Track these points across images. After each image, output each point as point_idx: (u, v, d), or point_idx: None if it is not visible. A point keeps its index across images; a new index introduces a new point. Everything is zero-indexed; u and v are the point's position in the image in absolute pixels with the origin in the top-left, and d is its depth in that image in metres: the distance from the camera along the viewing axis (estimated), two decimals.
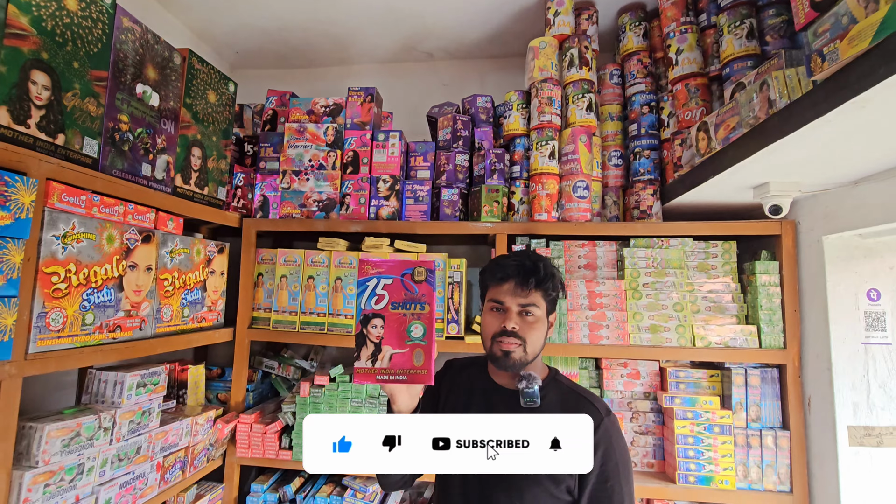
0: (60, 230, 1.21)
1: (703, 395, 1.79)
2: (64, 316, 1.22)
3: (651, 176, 1.95)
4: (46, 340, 1.17)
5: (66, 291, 1.22)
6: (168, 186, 1.63)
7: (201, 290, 1.80)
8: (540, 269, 1.06)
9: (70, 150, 1.27)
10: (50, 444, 1.15)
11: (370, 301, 0.94)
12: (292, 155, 2.04)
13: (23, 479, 1.09)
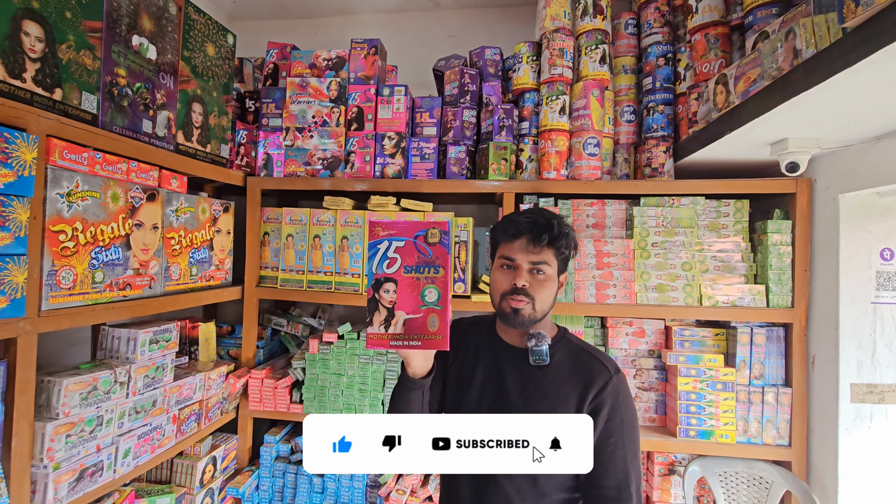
0: (64, 188, 1.20)
1: (708, 353, 1.81)
2: (74, 274, 1.23)
3: (664, 132, 1.89)
4: (58, 298, 1.19)
5: (74, 250, 1.23)
6: (170, 144, 1.60)
7: (208, 248, 1.80)
8: (553, 226, 1.03)
9: (69, 105, 1.24)
10: (69, 398, 1.19)
11: (382, 264, 0.91)
12: (295, 111, 1.99)
13: (45, 429, 1.13)
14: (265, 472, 1.89)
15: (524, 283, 1.04)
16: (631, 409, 1.02)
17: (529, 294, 1.03)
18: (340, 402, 1.87)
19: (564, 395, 1.02)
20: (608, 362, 1.06)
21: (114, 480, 1.33)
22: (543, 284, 1.04)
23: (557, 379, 1.04)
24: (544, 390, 1.04)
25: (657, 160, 1.87)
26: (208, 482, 1.76)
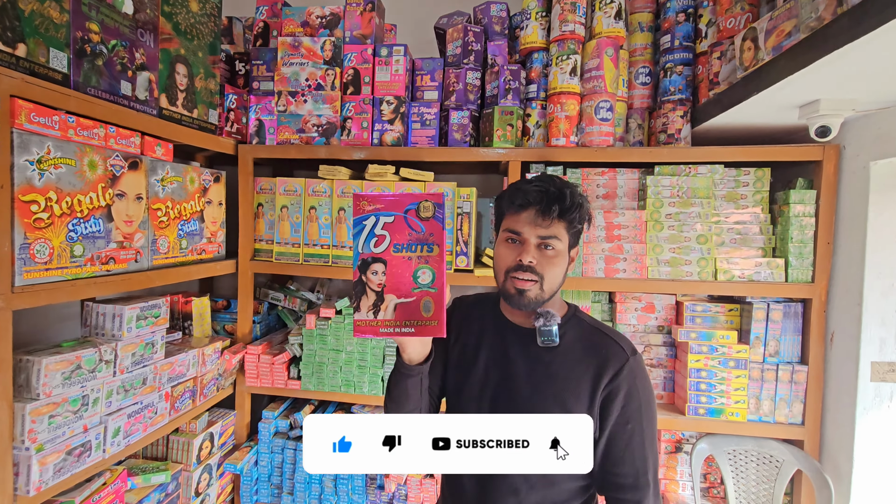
0: (34, 154, 1.10)
1: (720, 329, 1.74)
2: (50, 247, 1.15)
3: (682, 95, 1.76)
4: (34, 273, 1.11)
5: (48, 221, 1.14)
6: (153, 108, 1.50)
7: (198, 220, 1.72)
8: (566, 196, 0.93)
9: (34, 62, 1.13)
10: (50, 377, 1.13)
11: (368, 243, 0.81)
12: (287, 74, 1.86)
13: (24, 410, 1.07)
14: (264, 447, 1.86)
15: (531, 259, 0.94)
16: (648, 393, 0.95)
17: (537, 272, 0.94)
18: (339, 378, 1.82)
19: (576, 379, 0.94)
20: (624, 343, 0.97)
21: (104, 460, 1.29)
22: (553, 261, 0.94)
23: (568, 361, 0.96)
24: (554, 374, 0.96)
25: (673, 126, 1.75)
26: (206, 458, 1.73)
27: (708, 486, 1.82)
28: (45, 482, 1.12)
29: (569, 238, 0.96)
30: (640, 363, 0.95)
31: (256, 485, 1.89)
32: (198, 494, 1.70)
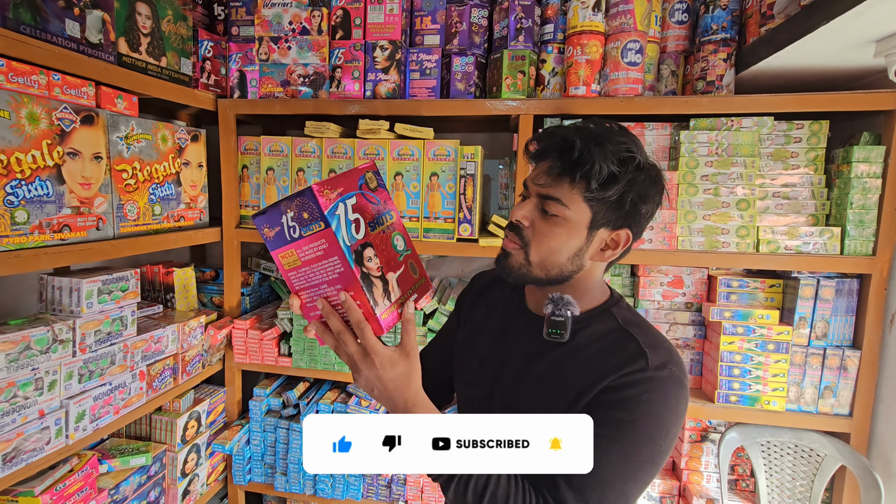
0: None
1: (759, 307, 1.53)
2: None
3: (726, 34, 1.49)
4: None
5: None
6: (109, 54, 1.31)
7: (174, 184, 1.55)
8: (575, 148, 0.69)
9: None
10: None
11: (350, 231, 0.65)
12: (268, 16, 1.64)
13: None
14: (255, 426, 1.76)
15: (521, 218, 0.75)
16: (655, 419, 0.68)
17: (524, 236, 0.75)
18: (332, 355, 1.68)
19: (575, 384, 0.73)
20: (654, 351, 0.71)
21: (67, 446, 1.18)
22: (551, 230, 0.73)
23: (572, 362, 0.76)
24: (553, 374, 0.77)
25: (714, 71, 1.49)
26: (192, 438, 1.63)
27: (736, 478, 1.66)
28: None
29: (590, 208, 0.72)
30: (663, 383, 0.69)
31: (249, 464, 1.80)
32: (185, 475, 1.61)
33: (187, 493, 1.63)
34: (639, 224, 0.76)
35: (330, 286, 0.66)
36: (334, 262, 0.63)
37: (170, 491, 1.58)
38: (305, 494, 1.74)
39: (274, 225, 0.65)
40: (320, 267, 0.65)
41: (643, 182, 0.73)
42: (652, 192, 0.74)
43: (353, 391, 1.76)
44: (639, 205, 0.73)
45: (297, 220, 0.63)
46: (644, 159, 0.73)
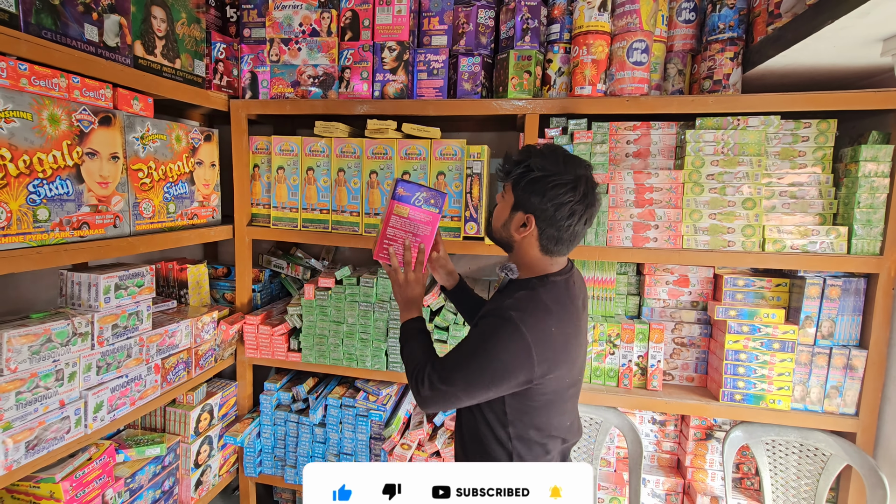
0: None
1: (765, 307, 1.53)
2: (6, 211, 1.04)
3: (733, 33, 1.49)
4: None
5: (3, 182, 1.03)
6: (126, 57, 1.35)
7: (188, 183, 1.60)
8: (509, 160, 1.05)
9: None
10: (15, 352, 1.05)
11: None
12: (279, 18, 1.68)
13: None
14: (266, 419, 1.80)
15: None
16: (491, 335, 0.95)
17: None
18: (340, 351, 1.71)
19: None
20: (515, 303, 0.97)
21: (86, 436, 1.23)
22: (497, 204, 1.09)
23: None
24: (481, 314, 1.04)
25: (721, 70, 1.49)
26: (205, 430, 1.68)
27: (741, 476, 1.66)
28: (16, 461, 1.06)
29: (513, 196, 1.03)
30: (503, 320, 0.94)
31: (260, 456, 1.84)
32: (198, 466, 1.65)
33: (200, 484, 1.68)
34: (543, 216, 0.98)
35: (415, 237, 1.20)
36: (428, 228, 1.21)
37: (183, 481, 1.63)
38: None
39: (409, 190, 1.20)
40: (418, 225, 1.20)
41: (532, 181, 0.98)
42: (542, 190, 0.97)
43: (361, 386, 1.79)
44: (532, 198, 0.98)
45: (425, 200, 1.20)
46: (538, 167, 0.97)
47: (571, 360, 1.01)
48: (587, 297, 1.14)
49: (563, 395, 1.02)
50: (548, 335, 0.95)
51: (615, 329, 1.61)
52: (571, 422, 1.08)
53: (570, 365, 1.01)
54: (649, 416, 1.75)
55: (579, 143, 1.54)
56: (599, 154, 1.54)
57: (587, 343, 1.15)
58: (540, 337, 0.94)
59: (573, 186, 0.95)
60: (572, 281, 1.06)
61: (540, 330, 0.94)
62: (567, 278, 1.05)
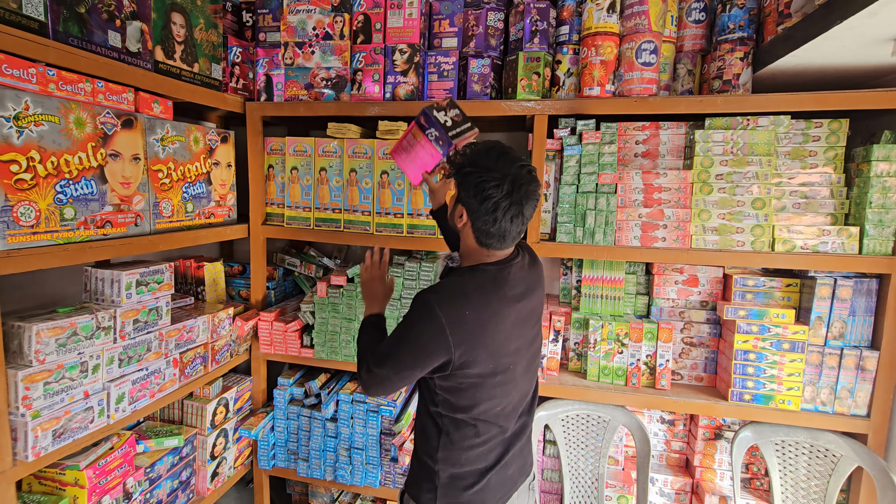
0: (10, 110, 1.03)
1: (775, 307, 1.52)
2: (36, 210, 1.09)
3: (743, 33, 1.49)
4: (19, 237, 1.06)
5: (32, 182, 1.08)
6: (147, 61, 1.40)
7: (205, 183, 1.65)
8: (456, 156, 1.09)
9: (4, 9, 1.04)
10: (43, 344, 1.10)
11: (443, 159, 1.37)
12: (293, 22, 1.72)
13: (17, 377, 1.05)
14: (279, 414, 1.84)
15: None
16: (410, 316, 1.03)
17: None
18: (353, 348, 1.75)
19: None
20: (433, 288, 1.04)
21: (109, 426, 1.28)
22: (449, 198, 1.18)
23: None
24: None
25: (731, 70, 1.49)
26: (220, 423, 1.73)
27: (750, 477, 1.66)
28: (44, 448, 1.11)
29: (455, 188, 1.07)
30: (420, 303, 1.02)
31: (273, 450, 1.89)
32: (214, 458, 1.70)
33: (216, 475, 1.73)
34: (471, 209, 1.02)
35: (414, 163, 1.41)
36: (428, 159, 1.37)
37: (200, 472, 1.68)
38: (326, 480, 1.82)
39: (429, 123, 1.35)
40: (420, 153, 1.38)
41: (464, 176, 1.03)
42: (467, 185, 1.01)
43: None
44: (463, 192, 1.03)
45: (436, 139, 1.34)
46: (470, 163, 1.02)
47: (492, 348, 1.01)
48: (535, 287, 1.12)
49: (489, 380, 1.04)
50: (462, 319, 0.98)
51: (623, 328, 1.62)
52: (503, 408, 1.08)
53: (490, 351, 1.01)
54: (658, 416, 1.75)
55: (588, 143, 1.55)
56: (608, 154, 1.55)
57: (535, 335, 1.13)
58: (454, 320, 0.98)
59: (498, 184, 0.97)
60: (508, 272, 1.05)
61: (454, 314, 0.98)
62: (502, 269, 1.05)
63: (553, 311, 1.71)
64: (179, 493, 1.61)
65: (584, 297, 1.73)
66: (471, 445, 1.08)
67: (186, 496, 1.65)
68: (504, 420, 1.10)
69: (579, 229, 1.57)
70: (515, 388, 1.09)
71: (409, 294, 1.72)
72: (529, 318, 1.10)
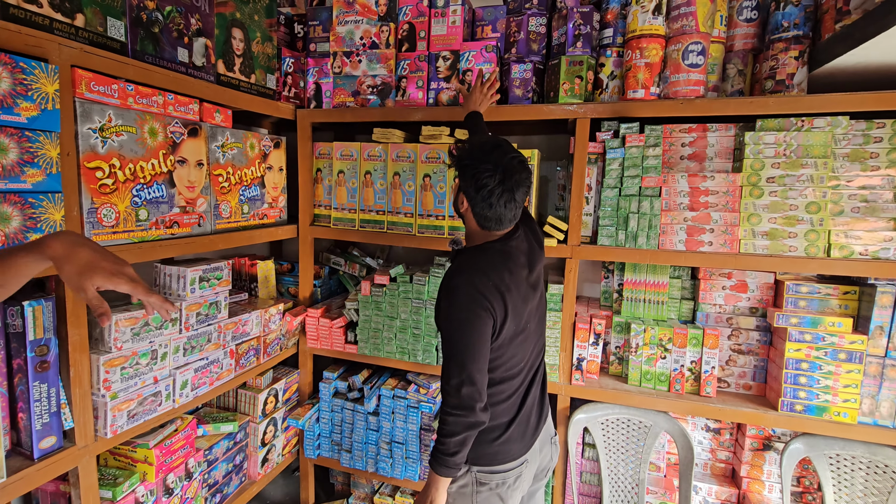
0: (96, 122, 1.15)
1: (831, 315, 1.46)
2: (116, 212, 1.21)
3: (799, 31, 1.44)
4: (102, 236, 1.18)
5: (113, 187, 1.20)
6: (210, 74, 1.51)
7: (259, 186, 1.75)
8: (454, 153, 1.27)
9: (92, 32, 1.16)
10: (120, 332, 1.21)
11: None
12: (342, 33, 1.80)
13: (98, 361, 1.17)
14: (324, 406, 1.93)
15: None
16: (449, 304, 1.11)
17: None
18: (394, 345, 1.81)
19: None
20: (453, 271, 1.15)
21: (174, 409, 1.39)
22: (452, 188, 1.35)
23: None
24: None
25: (785, 70, 1.44)
26: (271, 412, 1.83)
27: (801, 490, 1.60)
28: (120, 426, 1.23)
29: (455, 180, 1.22)
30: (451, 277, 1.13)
31: (319, 440, 1.98)
32: (264, 444, 1.81)
33: (266, 461, 1.83)
34: (470, 195, 1.15)
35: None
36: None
37: (251, 457, 1.79)
38: (367, 471, 1.89)
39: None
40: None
41: (462, 168, 1.16)
42: (466, 175, 1.15)
43: (412, 379, 1.88)
44: (463, 182, 1.16)
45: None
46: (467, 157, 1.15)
47: (514, 309, 1.13)
48: (538, 256, 1.28)
49: (514, 339, 1.17)
50: (488, 286, 1.10)
51: (667, 333, 1.60)
52: (523, 364, 1.23)
53: (514, 313, 1.13)
54: (703, 423, 1.71)
55: (631, 146, 1.54)
56: (652, 157, 1.53)
57: (540, 296, 1.28)
58: (485, 288, 1.09)
59: (491, 174, 1.11)
60: (511, 245, 1.19)
61: (482, 283, 1.10)
62: (505, 244, 1.19)
63: (594, 315, 1.71)
64: (233, 475, 1.72)
65: (626, 300, 1.72)
66: (496, 402, 1.19)
67: (239, 479, 1.76)
68: (524, 375, 1.24)
69: (621, 232, 1.57)
70: (532, 344, 1.25)
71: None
72: (536, 282, 1.25)
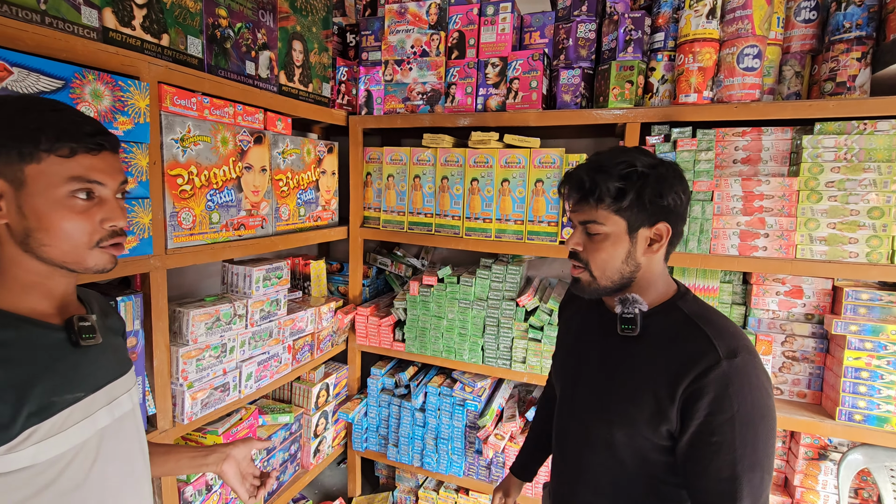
0: (178, 133, 1.25)
1: (893, 323, 1.41)
2: (193, 215, 1.31)
3: (861, 32, 1.40)
4: (181, 237, 1.29)
5: (191, 192, 1.30)
6: (273, 85, 1.61)
7: (314, 189, 1.84)
8: (585, 181, 0.84)
9: (176, 50, 1.26)
10: (196, 327, 1.32)
11: None
12: (393, 42, 1.87)
13: (178, 353, 1.27)
14: (372, 401, 2.01)
15: (574, 245, 0.89)
16: (751, 405, 0.76)
17: (582, 259, 0.88)
18: (441, 344, 1.87)
19: (652, 376, 0.83)
20: (721, 341, 0.79)
21: (239, 399, 1.49)
22: (598, 247, 0.86)
23: (646, 354, 0.86)
24: (628, 366, 0.88)
25: (846, 71, 1.41)
26: (322, 405, 1.92)
27: (859, 502, 1.55)
28: (194, 413, 1.33)
29: (625, 220, 0.84)
30: (739, 369, 0.77)
31: (366, 434, 2.05)
32: (316, 436, 1.90)
33: (317, 452, 1.93)
34: (673, 214, 0.85)
35: None
36: None
37: (305, 447, 1.88)
38: (413, 466, 1.95)
39: None
40: None
41: (654, 182, 0.82)
42: (668, 186, 0.83)
43: (458, 378, 1.93)
44: (660, 200, 0.83)
45: None
46: (645, 165, 0.83)
47: None
48: None
49: None
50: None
51: None
52: None
53: None
54: None
55: (683, 150, 1.54)
56: (704, 161, 1.52)
57: None
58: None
59: (674, 167, 0.86)
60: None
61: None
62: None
63: None
64: (289, 464, 1.82)
65: None
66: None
67: (294, 468, 1.86)
68: None
69: None
70: None
71: (495, 295, 1.80)
72: None
